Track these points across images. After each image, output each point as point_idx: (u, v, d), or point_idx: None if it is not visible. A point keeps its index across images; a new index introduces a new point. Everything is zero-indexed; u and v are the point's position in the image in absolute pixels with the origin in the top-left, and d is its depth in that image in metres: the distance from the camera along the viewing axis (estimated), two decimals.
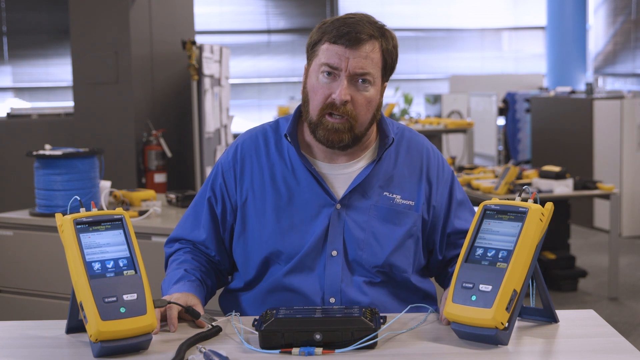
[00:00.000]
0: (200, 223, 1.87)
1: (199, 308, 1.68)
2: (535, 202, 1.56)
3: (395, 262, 1.78)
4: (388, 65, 1.78)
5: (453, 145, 8.51)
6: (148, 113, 5.54)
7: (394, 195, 1.81)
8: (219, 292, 1.95)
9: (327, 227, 1.77)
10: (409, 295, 1.83)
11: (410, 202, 1.81)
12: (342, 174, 1.81)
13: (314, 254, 1.76)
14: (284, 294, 1.78)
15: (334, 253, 1.76)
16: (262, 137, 1.86)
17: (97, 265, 1.49)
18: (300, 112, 1.85)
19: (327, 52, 1.72)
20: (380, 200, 1.79)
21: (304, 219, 1.78)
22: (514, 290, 1.48)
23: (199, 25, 7.09)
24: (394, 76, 1.90)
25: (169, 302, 1.62)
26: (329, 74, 1.72)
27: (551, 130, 7.75)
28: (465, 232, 1.85)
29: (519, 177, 5.08)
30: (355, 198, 1.79)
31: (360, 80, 1.72)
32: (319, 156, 1.82)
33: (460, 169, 5.86)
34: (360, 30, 1.71)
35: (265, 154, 1.84)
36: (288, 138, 1.80)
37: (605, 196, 4.97)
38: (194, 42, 5.48)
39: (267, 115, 10.49)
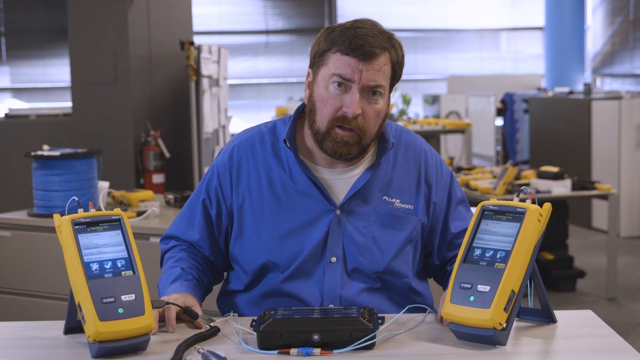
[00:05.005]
0: (194, 224, 1.86)
1: (197, 309, 1.67)
2: (533, 202, 1.56)
3: (396, 267, 1.77)
4: (396, 77, 1.76)
5: (451, 146, 8.51)
6: (146, 113, 5.54)
7: (393, 200, 1.79)
8: (216, 293, 1.94)
9: (327, 233, 1.75)
10: (408, 301, 1.82)
11: (409, 207, 1.80)
12: (341, 179, 1.79)
13: (313, 261, 1.75)
14: (282, 299, 1.77)
15: (334, 259, 1.75)
16: (259, 139, 1.84)
17: (95, 266, 1.49)
18: (299, 115, 1.83)
19: (339, 62, 1.69)
20: (379, 205, 1.78)
21: (303, 225, 1.76)
22: (512, 291, 1.48)
23: (197, 25, 7.09)
24: None
25: (167, 303, 1.62)
26: (339, 84, 1.69)
27: (549, 131, 7.75)
28: (464, 232, 1.84)
29: (517, 177, 5.09)
30: (355, 203, 1.77)
31: (371, 93, 1.70)
32: (319, 161, 1.80)
33: (459, 169, 5.87)
34: (373, 44, 1.68)
35: (262, 157, 1.81)
36: (287, 144, 1.77)
37: (604, 196, 4.97)
38: (192, 43, 5.48)
39: (266, 116, 10.49)
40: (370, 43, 1.68)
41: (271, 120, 1.90)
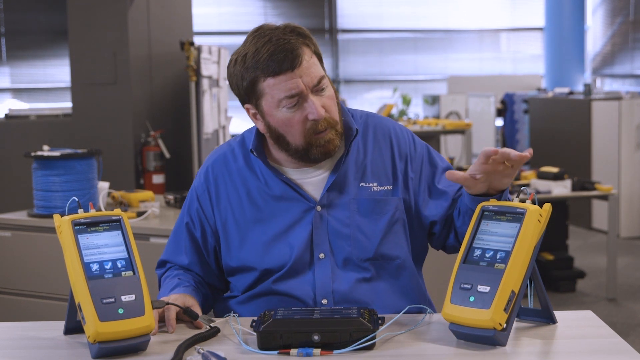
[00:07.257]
0: (182, 249, 1.87)
1: (197, 309, 1.68)
2: (533, 203, 1.56)
3: (385, 251, 1.78)
4: (321, 58, 1.75)
5: (451, 146, 8.51)
6: (146, 114, 5.54)
7: (371, 184, 1.80)
8: None
9: (311, 231, 1.76)
10: (400, 282, 1.81)
11: (388, 188, 1.80)
12: (314, 177, 1.80)
13: (302, 260, 1.76)
14: (275, 298, 1.77)
15: (322, 256, 1.76)
16: (230, 154, 1.85)
17: (95, 266, 1.49)
18: None
19: (276, 87, 1.67)
20: (358, 192, 1.79)
21: (286, 227, 1.77)
22: (512, 291, 1.48)
23: (197, 26, 7.08)
24: (392, 77, 1.90)
25: (167, 303, 1.62)
26: (291, 103, 1.68)
27: (549, 131, 7.75)
28: (455, 190, 1.82)
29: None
30: (333, 196, 1.78)
31: (320, 89, 1.70)
32: (288, 164, 1.80)
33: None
34: (292, 47, 1.65)
35: (237, 171, 1.82)
36: (254, 153, 1.78)
37: (604, 197, 4.97)
38: (192, 43, 5.48)
39: None
40: (288, 49, 1.65)
41: (239, 134, 1.90)
